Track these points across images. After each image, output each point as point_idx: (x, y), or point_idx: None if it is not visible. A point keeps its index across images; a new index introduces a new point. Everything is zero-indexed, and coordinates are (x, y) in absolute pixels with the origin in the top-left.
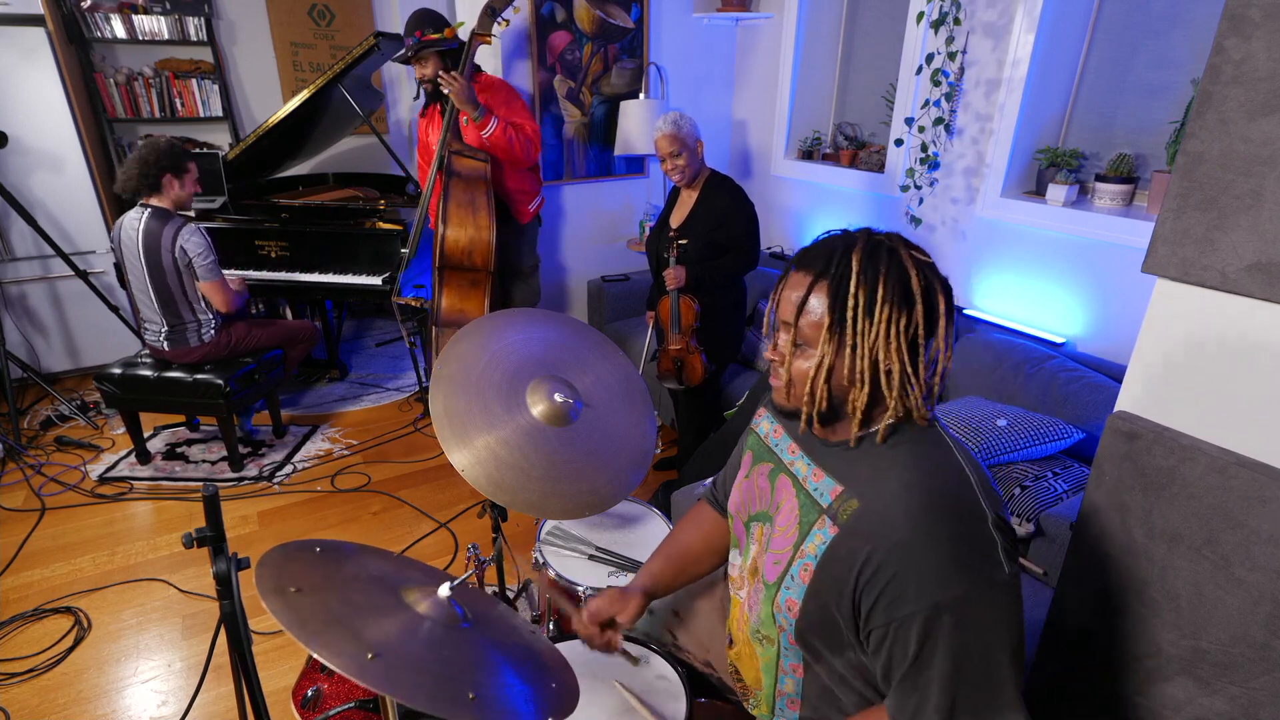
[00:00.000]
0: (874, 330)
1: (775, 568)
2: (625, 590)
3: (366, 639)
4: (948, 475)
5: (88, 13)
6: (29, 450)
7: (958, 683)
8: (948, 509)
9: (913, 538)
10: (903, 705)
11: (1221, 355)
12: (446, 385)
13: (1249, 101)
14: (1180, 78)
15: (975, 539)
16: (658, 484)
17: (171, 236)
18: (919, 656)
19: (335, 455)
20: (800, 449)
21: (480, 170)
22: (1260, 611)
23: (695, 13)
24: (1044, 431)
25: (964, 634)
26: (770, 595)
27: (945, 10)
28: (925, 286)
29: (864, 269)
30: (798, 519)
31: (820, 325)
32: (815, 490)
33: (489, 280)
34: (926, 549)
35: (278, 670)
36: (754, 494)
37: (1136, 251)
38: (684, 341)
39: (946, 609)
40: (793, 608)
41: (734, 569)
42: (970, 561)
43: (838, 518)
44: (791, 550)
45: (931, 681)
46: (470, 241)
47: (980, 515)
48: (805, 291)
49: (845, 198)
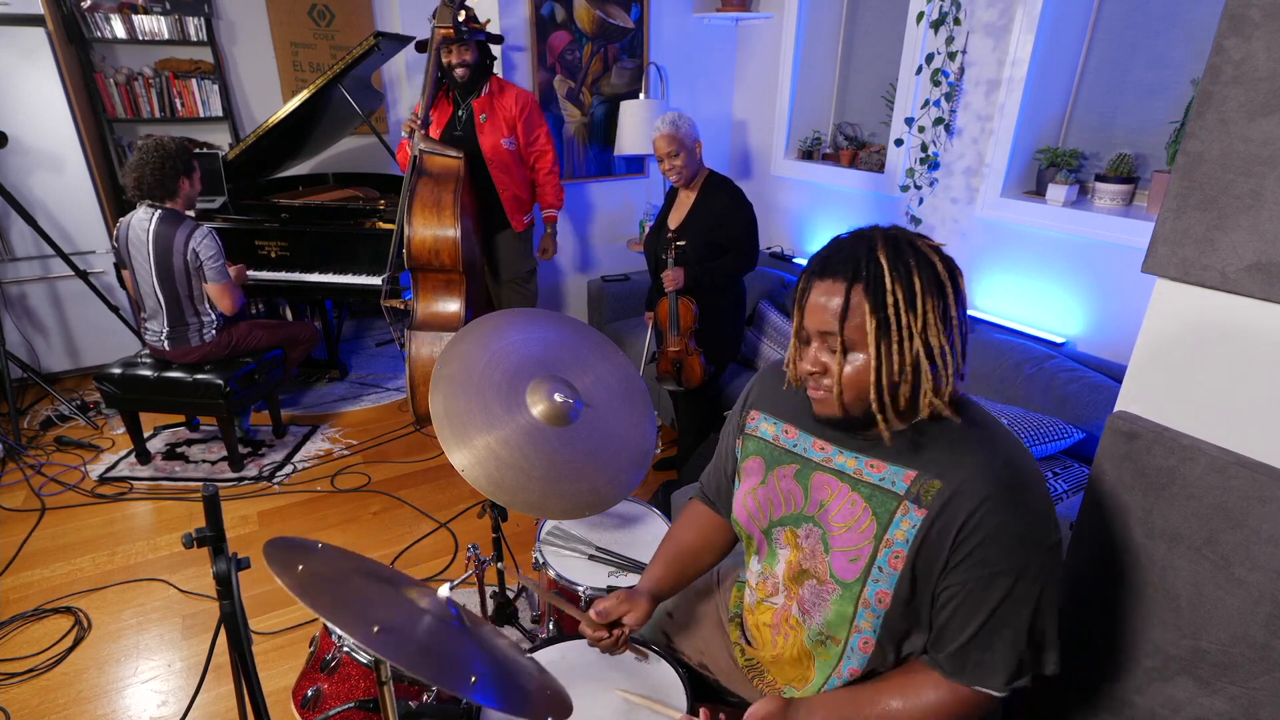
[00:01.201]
0: (920, 321)
1: (853, 565)
2: (632, 592)
3: (372, 617)
4: (1014, 448)
5: (88, 13)
6: (29, 450)
7: (1025, 637)
8: (1026, 478)
9: (1000, 506)
10: (968, 662)
11: (1221, 355)
12: (446, 385)
13: (1249, 101)
14: (1180, 78)
15: (1045, 505)
16: (658, 484)
17: (185, 238)
18: (994, 614)
19: (335, 455)
20: (834, 445)
21: (453, 169)
22: (1260, 611)
23: (695, 13)
24: (1044, 431)
25: (1035, 592)
26: (853, 593)
27: (945, 10)
28: (949, 271)
29: (894, 265)
30: (869, 511)
31: (864, 328)
32: (881, 480)
33: (464, 281)
34: (1012, 516)
35: (278, 670)
36: (777, 499)
37: (1136, 251)
38: (683, 343)
39: (1024, 571)
40: (884, 599)
41: (753, 576)
42: (1044, 526)
43: (922, 499)
44: (872, 543)
45: (1003, 639)
46: (435, 241)
47: (1045, 487)
48: (843, 298)
49: (845, 198)
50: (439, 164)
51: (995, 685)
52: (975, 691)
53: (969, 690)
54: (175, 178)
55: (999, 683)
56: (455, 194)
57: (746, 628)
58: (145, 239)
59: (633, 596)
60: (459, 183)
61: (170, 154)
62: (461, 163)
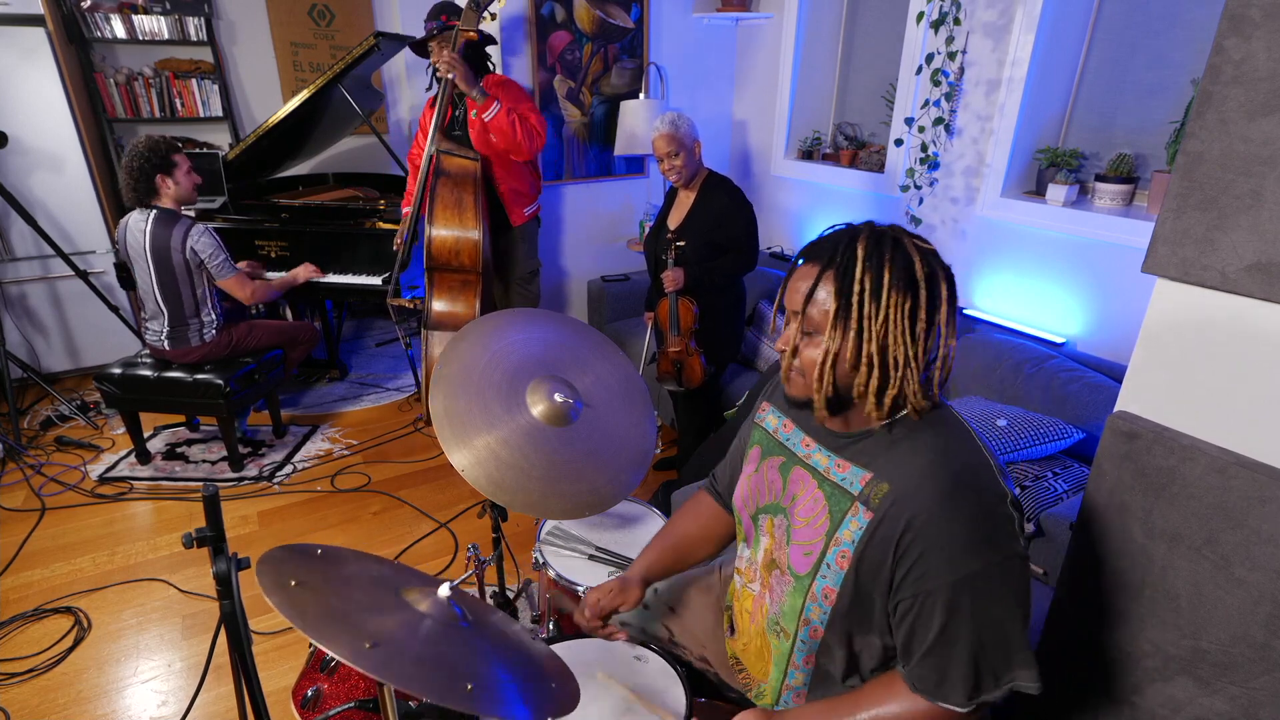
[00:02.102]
0: (880, 315)
1: (806, 559)
2: (623, 579)
3: (366, 631)
4: (969, 456)
5: (88, 13)
6: (29, 450)
7: (979, 651)
8: (972, 487)
9: (940, 514)
10: (924, 677)
11: (1221, 355)
12: (446, 385)
13: (1249, 101)
14: (1180, 78)
15: (996, 516)
16: (658, 484)
17: (181, 237)
18: (945, 628)
19: (335, 455)
20: (816, 443)
21: (470, 170)
22: (1260, 611)
23: (695, 13)
24: (1044, 431)
25: (987, 604)
26: (803, 586)
27: (945, 10)
28: (928, 273)
29: (869, 256)
30: (825, 509)
31: (828, 312)
32: (843, 480)
33: (479, 282)
34: (953, 525)
35: (278, 670)
36: (763, 487)
37: (1136, 251)
38: (683, 343)
39: (971, 582)
40: (829, 595)
41: (742, 562)
42: (993, 536)
43: (870, 502)
44: (824, 540)
45: (957, 652)
46: (457, 241)
47: (1000, 493)
48: (813, 281)
49: (845, 198)
50: (456, 165)
51: (956, 700)
52: (939, 707)
53: (933, 705)
54: (150, 177)
55: (960, 698)
56: (476, 195)
57: (733, 614)
58: (143, 240)
59: (624, 584)
60: (477, 184)
61: (142, 154)
62: (478, 164)
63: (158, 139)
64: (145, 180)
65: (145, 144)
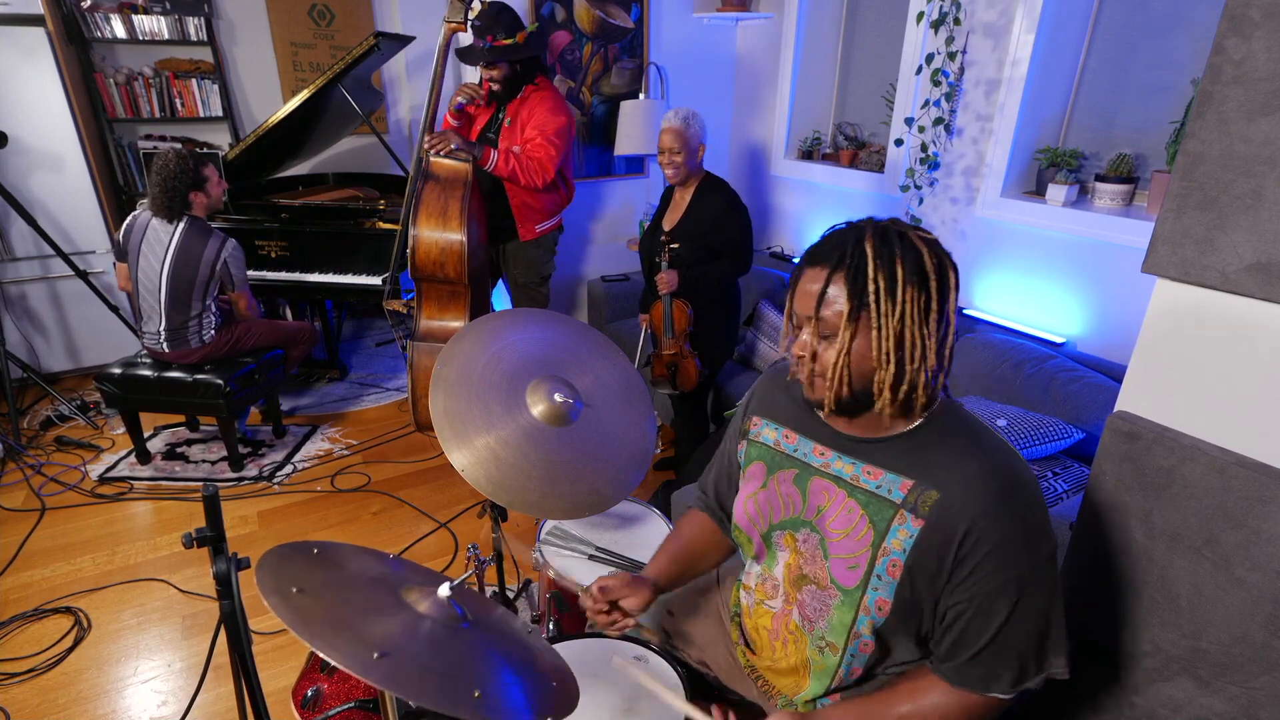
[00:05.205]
0: (897, 310)
1: (852, 572)
2: (637, 578)
3: (370, 638)
4: (1011, 457)
5: (88, 13)
6: (29, 450)
7: (1028, 643)
8: (1023, 489)
9: (1001, 515)
10: (972, 672)
11: (1221, 355)
12: (446, 385)
13: (1249, 101)
14: (1180, 78)
15: (1042, 513)
16: (658, 484)
17: (216, 250)
18: (1004, 625)
19: (335, 455)
20: (833, 450)
21: (461, 173)
22: (1260, 611)
23: (695, 13)
24: (1044, 431)
25: (1037, 597)
26: (853, 600)
27: (945, 10)
28: (937, 264)
29: (879, 253)
30: (865, 518)
31: (842, 313)
32: (878, 488)
33: (469, 293)
34: (1012, 524)
35: (278, 670)
36: (776, 502)
37: (1136, 251)
38: (678, 345)
39: (1030, 576)
40: (883, 607)
41: (751, 579)
42: (1042, 533)
43: (919, 510)
44: (870, 550)
45: (1011, 646)
46: (441, 252)
47: (1037, 485)
48: (823, 284)
49: (845, 198)
50: (446, 168)
51: (1001, 689)
52: (984, 697)
53: (977, 696)
54: (184, 195)
55: (1005, 686)
56: (463, 201)
57: (746, 630)
58: (166, 244)
59: (637, 582)
60: (467, 188)
61: (174, 173)
62: (470, 167)
63: (186, 153)
64: (180, 197)
65: (175, 161)
